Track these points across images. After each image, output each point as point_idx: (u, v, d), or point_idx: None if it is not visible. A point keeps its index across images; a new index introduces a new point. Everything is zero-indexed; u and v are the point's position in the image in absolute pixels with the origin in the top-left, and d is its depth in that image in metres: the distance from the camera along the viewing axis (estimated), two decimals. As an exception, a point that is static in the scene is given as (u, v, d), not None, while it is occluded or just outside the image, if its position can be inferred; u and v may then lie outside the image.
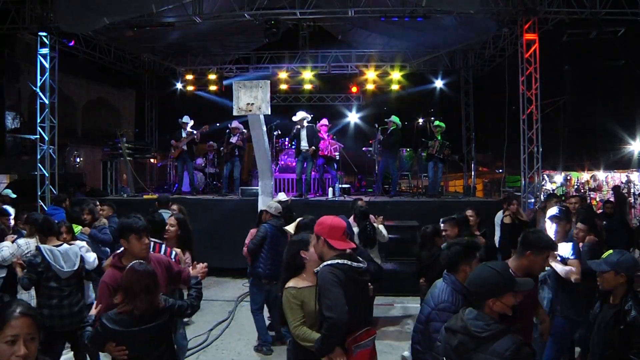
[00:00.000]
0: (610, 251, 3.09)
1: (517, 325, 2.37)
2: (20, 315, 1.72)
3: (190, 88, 15.19)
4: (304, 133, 9.84)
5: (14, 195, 9.20)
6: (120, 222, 3.31)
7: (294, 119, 10.05)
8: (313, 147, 9.74)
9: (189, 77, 14.72)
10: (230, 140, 10.80)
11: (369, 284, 3.30)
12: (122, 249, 3.23)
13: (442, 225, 4.91)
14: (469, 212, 5.77)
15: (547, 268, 4.21)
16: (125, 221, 3.21)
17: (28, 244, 4.67)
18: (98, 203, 6.94)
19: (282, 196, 7.18)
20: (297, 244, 3.15)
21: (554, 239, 3.89)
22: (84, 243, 4.70)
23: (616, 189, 12.46)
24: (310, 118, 10.09)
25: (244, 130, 10.71)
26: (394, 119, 10.21)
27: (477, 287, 2.38)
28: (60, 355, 4.27)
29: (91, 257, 4.60)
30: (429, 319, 2.96)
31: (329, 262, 2.85)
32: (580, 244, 4.39)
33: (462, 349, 2.28)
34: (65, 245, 4.29)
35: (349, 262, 2.85)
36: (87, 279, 4.63)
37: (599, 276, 3.07)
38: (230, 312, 6.94)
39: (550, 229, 4.84)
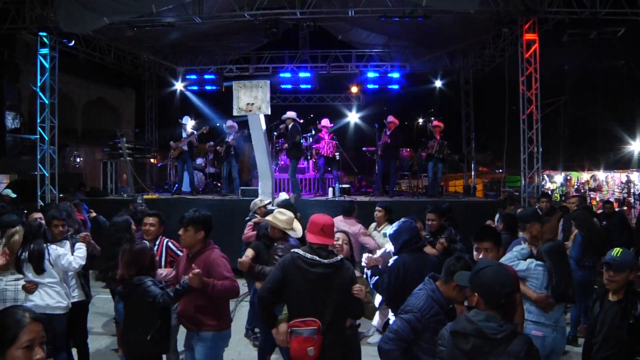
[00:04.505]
0: (620, 249, 3.00)
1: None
2: (32, 320, 1.80)
3: (190, 88, 15.19)
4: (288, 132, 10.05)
5: (14, 195, 9.21)
6: None
7: (283, 117, 10.16)
8: (287, 145, 10.07)
9: (189, 77, 14.72)
10: (226, 139, 10.80)
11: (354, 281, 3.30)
12: None
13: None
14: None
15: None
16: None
17: None
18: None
19: (283, 195, 7.21)
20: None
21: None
22: None
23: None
24: (294, 116, 10.07)
25: (237, 127, 10.72)
26: (394, 119, 10.19)
27: (510, 286, 2.27)
28: None
29: None
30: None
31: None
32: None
33: (476, 353, 2.16)
34: None
35: (301, 252, 3.11)
36: None
37: (610, 274, 2.96)
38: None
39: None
